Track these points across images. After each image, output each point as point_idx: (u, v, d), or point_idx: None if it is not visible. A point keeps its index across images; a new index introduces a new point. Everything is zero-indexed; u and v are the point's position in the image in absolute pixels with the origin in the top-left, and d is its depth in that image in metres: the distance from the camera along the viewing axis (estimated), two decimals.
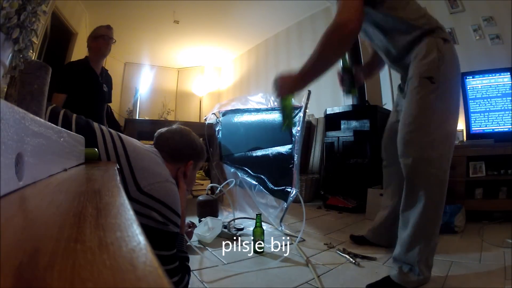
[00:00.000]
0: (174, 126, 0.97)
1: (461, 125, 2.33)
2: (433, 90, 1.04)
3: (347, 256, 1.31)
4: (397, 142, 1.12)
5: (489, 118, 2.08)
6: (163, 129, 0.95)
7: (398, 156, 1.12)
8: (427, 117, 1.05)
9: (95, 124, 0.82)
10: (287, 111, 1.08)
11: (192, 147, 0.93)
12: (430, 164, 1.04)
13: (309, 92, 1.75)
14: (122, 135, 0.82)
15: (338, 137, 2.70)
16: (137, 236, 0.16)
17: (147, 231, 0.69)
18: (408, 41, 1.12)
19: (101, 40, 1.83)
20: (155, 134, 0.95)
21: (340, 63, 1.39)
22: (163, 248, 0.72)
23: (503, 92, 2.04)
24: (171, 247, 0.74)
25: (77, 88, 1.71)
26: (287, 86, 1.06)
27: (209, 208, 1.87)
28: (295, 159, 1.75)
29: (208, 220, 1.66)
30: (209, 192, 2.02)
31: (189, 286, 0.83)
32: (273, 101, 2.00)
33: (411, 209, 1.07)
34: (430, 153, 1.04)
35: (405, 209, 1.10)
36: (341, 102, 3.22)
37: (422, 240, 1.04)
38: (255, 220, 1.40)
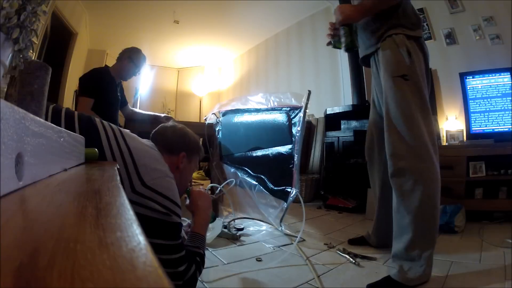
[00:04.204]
0: (170, 123, 1.01)
1: (461, 125, 2.33)
2: (408, 87, 1.09)
3: (347, 256, 1.31)
4: (385, 142, 1.13)
5: (489, 118, 2.08)
6: (158, 126, 1.00)
7: (386, 155, 1.13)
8: (412, 115, 1.08)
9: (97, 120, 0.82)
10: (352, 35, 1.23)
11: (184, 140, 0.95)
12: (420, 159, 1.05)
13: (309, 92, 1.75)
14: (123, 130, 0.83)
15: (338, 137, 2.70)
16: (137, 236, 0.16)
17: (153, 222, 0.72)
18: (374, 32, 1.19)
19: (132, 67, 1.93)
20: (152, 132, 0.99)
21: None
22: (168, 237, 0.75)
23: (503, 92, 2.04)
24: (176, 236, 0.77)
25: (101, 94, 1.81)
26: (348, 14, 1.18)
27: None
28: (295, 159, 1.75)
29: None
30: (209, 192, 2.02)
31: None
32: (273, 101, 2.00)
33: (407, 206, 1.07)
34: (419, 149, 1.06)
35: (401, 207, 1.10)
36: (341, 102, 3.22)
37: (423, 236, 1.04)
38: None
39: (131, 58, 1.94)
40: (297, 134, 1.76)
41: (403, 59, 1.09)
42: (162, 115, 2.12)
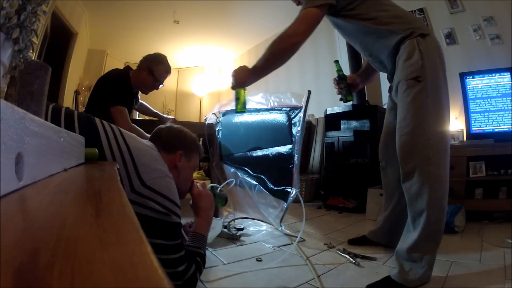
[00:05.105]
0: (167, 124, 1.03)
1: (461, 125, 2.33)
2: (421, 88, 1.06)
3: (347, 256, 1.31)
4: (396, 145, 1.13)
5: (489, 118, 2.08)
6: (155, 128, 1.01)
7: (397, 158, 1.12)
8: (421, 117, 1.06)
9: (97, 120, 0.82)
10: (240, 99, 1.32)
11: (180, 138, 0.96)
12: (428, 163, 1.05)
13: (309, 92, 1.75)
14: (123, 130, 0.83)
15: (338, 137, 2.70)
16: (137, 236, 0.16)
17: (152, 222, 0.72)
18: (386, 47, 1.14)
19: (152, 81, 1.73)
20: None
21: (336, 72, 1.44)
22: (168, 237, 0.75)
23: (503, 92, 2.04)
24: (176, 236, 0.77)
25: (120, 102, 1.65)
26: (240, 80, 1.23)
27: None
28: (295, 159, 1.75)
29: None
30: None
31: None
32: (273, 101, 2.00)
33: (415, 209, 1.07)
34: (426, 151, 1.05)
35: (409, 209, 1.10)
36: (341, 102, 3.21)
37: (427, 239, 1.04)
38: None
39: (151, 70, 1.70)
40: (297, 134, 1.76)
41: (415, 62, 1.06)
42: (165, 116, 2.09)
